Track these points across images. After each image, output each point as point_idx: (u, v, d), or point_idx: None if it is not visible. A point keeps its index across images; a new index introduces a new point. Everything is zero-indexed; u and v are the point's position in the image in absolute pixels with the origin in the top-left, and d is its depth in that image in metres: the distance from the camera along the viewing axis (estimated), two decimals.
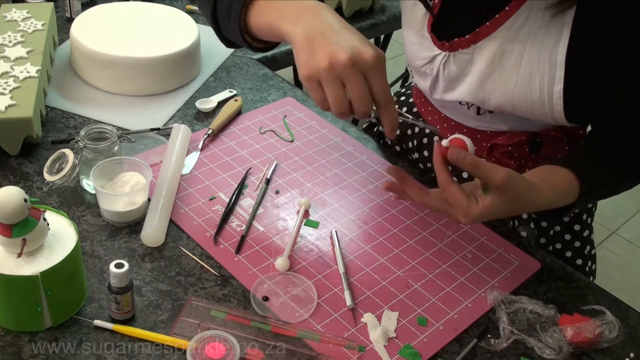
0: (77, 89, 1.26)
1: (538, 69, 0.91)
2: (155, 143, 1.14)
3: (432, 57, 1.02)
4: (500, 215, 0.87)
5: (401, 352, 0.86)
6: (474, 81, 0.98)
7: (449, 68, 1.00)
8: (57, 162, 1.01)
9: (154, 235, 0.95)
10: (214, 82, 1.34)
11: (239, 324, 0.86)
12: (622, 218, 2.73)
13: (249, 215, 1.03)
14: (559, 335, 0.88)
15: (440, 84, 1.03)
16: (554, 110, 0.92)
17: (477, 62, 0.97)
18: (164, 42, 1.28)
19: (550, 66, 0.90)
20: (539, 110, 0.94)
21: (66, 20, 1.46)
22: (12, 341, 0.81)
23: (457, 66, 0.99)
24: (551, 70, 0.90)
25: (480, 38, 0.95)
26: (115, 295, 0.83)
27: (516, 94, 0.94)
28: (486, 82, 0.96)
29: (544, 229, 1.12)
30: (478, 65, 0.97)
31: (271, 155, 1.16)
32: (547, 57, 0.90)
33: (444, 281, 0.96)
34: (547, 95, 0.92)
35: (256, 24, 0.88)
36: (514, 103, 0.95)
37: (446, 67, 1.00)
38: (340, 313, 0.90)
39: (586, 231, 1.15)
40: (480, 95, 0.98)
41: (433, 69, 1.02)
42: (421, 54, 1.03)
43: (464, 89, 1.00)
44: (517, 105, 0.95)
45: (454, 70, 1.00)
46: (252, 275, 0.93)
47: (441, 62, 1.00)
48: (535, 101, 0.93)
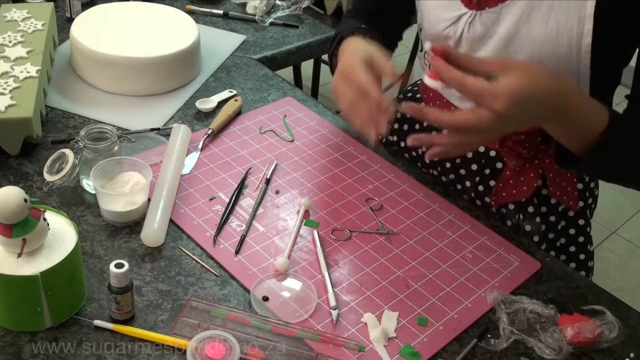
0: (77, 89, 1.26)
1: (566, 23, 0.91)
2: (155, 143, 1.14)
3: (457, 16, 1.00)
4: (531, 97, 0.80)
5: (401, 352, 0.86)
6: (500, 41, 0.97)
7: (474, 28, 0.99)
8: (57, 162, 1.01)
9: (154, 235, 0.95)
10: (214, 82, 1.34)
11: (239, 324, 0.86)
12: (622, 218, 2.73)
13: (249, 215, 1.03)
14: (559, 335, 0.88)
15: (462, 46, 1.02)
16: (580, 65, 0.92)
17: (504, 22, 0.96)
18: (164, 42, 1.28)
19: (579, 19, 0.90)
20: (566, 66, 0.93)
21: (66, 20, 1.46)
22: (12, 341, 0.81)
23: (482, 26, 0.98)
24: (579, 24, 0.90)
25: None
26: (115, 295, 0.83)
27: (544, 50, 0.93)
28: (513, 40, 0.96)
29: (552, 224, 1.12)
30: (504, 25, 0.96)
31: (271, 155, 1.16)
32: (575, 11, 0.90)
33: (444, 281, 0.96)
34: (576, 50, 0.92)
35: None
36: (541, 59, 0.94)
37: (471, 26, 0.99)
38: (341, 313, 0.90)
39: (587, 227, 1.16)
40: (507, 54, 0.97)
41: (457, 30, 1.01)
42: (445, 15, 1.02)
43: (489, 49, 0.99)
44: (544, 62, 0.94)
45: (479, 30, 0.99)
46: (252, 275, 0.93)
47: (467, 22, 0.99)
48: (562, 56, 0.93)
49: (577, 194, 1.10)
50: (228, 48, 1.45)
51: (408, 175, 1.15)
